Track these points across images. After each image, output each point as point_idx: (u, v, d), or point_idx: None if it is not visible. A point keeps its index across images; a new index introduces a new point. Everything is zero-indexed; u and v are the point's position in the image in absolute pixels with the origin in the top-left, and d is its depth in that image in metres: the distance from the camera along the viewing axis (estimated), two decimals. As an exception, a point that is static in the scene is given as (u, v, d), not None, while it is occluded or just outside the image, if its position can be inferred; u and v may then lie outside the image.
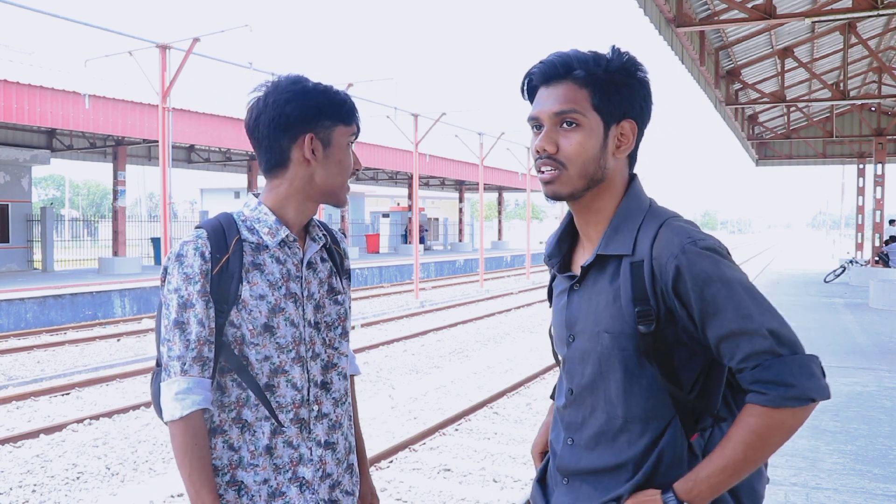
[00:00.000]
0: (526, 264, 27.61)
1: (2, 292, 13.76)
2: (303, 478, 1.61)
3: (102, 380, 9.03)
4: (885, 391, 6.74)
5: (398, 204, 45.76)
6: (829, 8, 10.99)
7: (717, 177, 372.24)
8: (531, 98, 1.48)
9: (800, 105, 20.03)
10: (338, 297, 1.72)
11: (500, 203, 46.22)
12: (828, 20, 12.02)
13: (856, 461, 4.73)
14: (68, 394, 8.49)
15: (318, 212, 17.41)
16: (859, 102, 20.32)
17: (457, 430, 7.00)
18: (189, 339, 1.54)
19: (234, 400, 1.59)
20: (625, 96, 1.41)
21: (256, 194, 1.68)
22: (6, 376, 9.43)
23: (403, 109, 19.44)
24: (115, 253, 20.59)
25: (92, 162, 25.78)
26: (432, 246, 44.05)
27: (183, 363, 1.53)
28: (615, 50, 1.43)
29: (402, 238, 39.11)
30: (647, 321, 1.36)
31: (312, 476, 1.63)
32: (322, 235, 1.72)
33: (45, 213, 21.79)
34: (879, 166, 20.99)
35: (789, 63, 15.33)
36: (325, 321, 1.68)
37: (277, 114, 1.58)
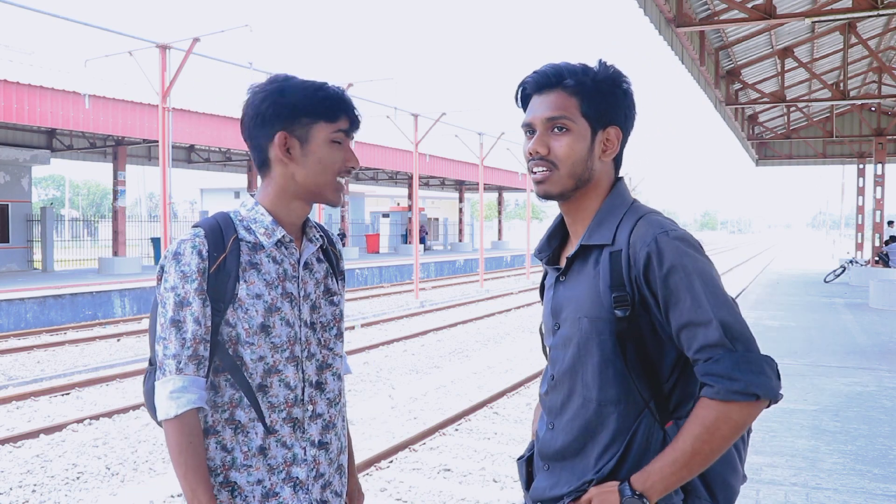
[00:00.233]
0: (526, 264, 27.61)
1: (2, 292, 13.77)
2: (296, 478, 1.61)
3: (102, 380, 9.03)
4: (885, 391, 6.74)
5: (398, 204, 45.78)
6: (829, 8, 10.99)
7: (717, 177, 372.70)
8: (524, 106, 1.60)
9: (800, 105, 20.03)
10: (333, 299, 1.72)
11: (500, 203, 46.24)
12: (828, 20, 12.02)
13: (856, 461, 4.73)
14: (68, 394, 8.49)
15: (318, 212, 17.27)
16: (859, 102, 20.32)
17: (457, 430, 7.00)
18: (185, 338, 1.53)
19: (228, 400, 1.58)
20: (610, 104, 1.54)
21: (253, 194, 1.69)
22: (6, 376, 9.43)
23: (403, 109, 19.45)
24: (115, 253, 20.60)
25: (92, 162, 25.80)
26: (432, 246, 44.05)
27: (178, 361, 1.53)
28: (602, 63, 1.56)
29: (402, 238, 39.12)
30: (623, 306, 1.44)
31: (306, 476, 1.62)
32: (319, 236, 1.72)
33: (45, 213, 21.79)
34: (879, 166, 20.99)
35: (789, 63, 15.32)
36: (321, 321, 1.69)
37: (255, 113, 1.60)
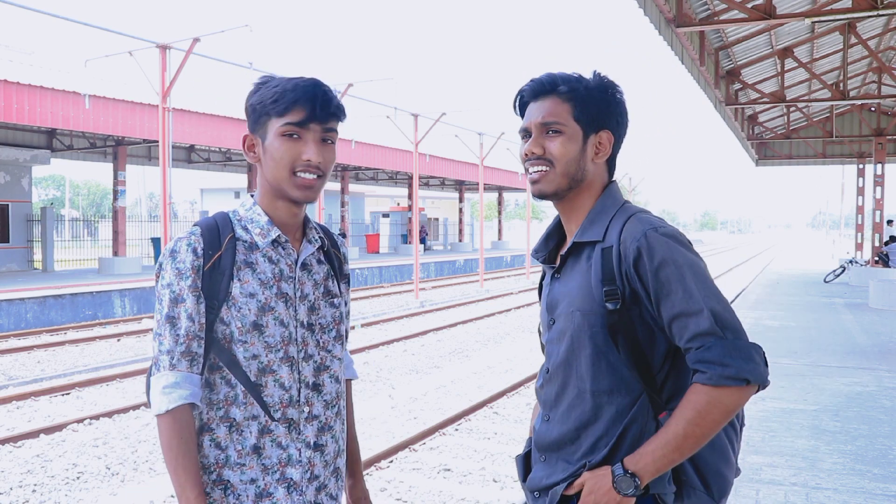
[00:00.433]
0: (526, 264, 27.62)
1: (2, 292, 13.77)
2: (291, 479, 1.60)
3: (102, 380, 9.03)
4: (885, 391, 6.74)
5: (398, 204, 45.77)
6: (829, 8, 10.99)
7: (717, 177, 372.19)
8: (522, 113, 1.70)
9: (800, 105, 20.03)
10: (334, 300, 1.71)
11: (500, 203, 46.23)
12: (828, 20, 12.03)
13: (856, 461, 4.73)
14: (68, 394, 8.49)
15: (319, 212, 17.16)
16: (859, 102, 20.32)
17: (457, 430, 7.00)
18: (178, 334, 1.54)
19: (223, 398, 1.58)
20: (602, 110, 1.63)
21: (253, 194, 1.70)
22: (6, 376, 9.43)
23: (403, 109, 19.46)
24: (116, 253, 20.59)
25: (92, 162, 25.79)
26: (432, 246, 44.06)
27: (172, 357, 1.54)
28: (595, 73, 1.67)
29: (402, 238, 39.11)
30: (614, 300, 1.51)
31: (301, 477, 1.62)
32: (319, 238, 1.72)
33: (46, 213, 21.79)
34: (879, 166, 20.99)
35: (789, 63, 15.32)
36: (320, 323, 1.68)
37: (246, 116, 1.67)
